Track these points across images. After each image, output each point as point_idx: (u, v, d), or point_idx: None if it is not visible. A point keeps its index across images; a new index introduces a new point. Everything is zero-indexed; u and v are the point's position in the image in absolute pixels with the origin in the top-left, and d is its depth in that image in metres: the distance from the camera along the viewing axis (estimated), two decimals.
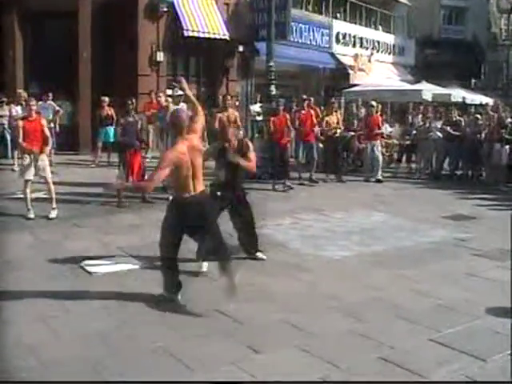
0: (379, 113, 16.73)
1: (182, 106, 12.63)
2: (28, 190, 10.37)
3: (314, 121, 15.50)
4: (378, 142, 16.23)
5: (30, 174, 10.35)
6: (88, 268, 7.52)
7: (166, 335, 5.58)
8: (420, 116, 17.87)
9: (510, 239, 8.61)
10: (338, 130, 15.84)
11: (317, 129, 15.56)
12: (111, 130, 16.85)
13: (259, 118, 19.07)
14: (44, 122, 10.78)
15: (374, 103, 16.61)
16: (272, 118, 14.70)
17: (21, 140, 10.32)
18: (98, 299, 6.49)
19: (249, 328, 5.79)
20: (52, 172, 11.01)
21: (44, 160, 10.53)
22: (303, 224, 10.37)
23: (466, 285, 7.22)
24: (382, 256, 8.50)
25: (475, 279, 7.47)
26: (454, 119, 16.68)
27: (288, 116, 15.08)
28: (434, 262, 8.21)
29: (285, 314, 6.13)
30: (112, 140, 16.83)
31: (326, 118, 15.81)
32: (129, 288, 6.85)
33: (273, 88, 15.96)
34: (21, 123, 10.49)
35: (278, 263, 7.95)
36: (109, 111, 16.96)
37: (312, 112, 15.70)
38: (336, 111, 16.37)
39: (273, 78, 16.16)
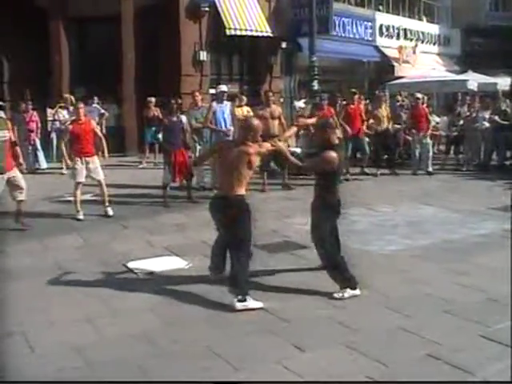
0: (425, 104, 16.45)
1: (227, 104, 12.67)
2: (78, 192, 10.55)
3: (363, 115, 15.37)
4: (427, 133, 15.98)
5: (82, 177, 10.53)
6: (134, 268, 7.59)
7: (211, 335, 5.59)
8: (466, 106, 17.53)
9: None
10: (386, 124, 15.67)
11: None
12: (156, 130, 16.99)
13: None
14: (94, 124, 10.95)
15: (419, 95, 16.40)
16: (316, 113, 14.62)
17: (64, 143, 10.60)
18: (144, 299, 6.55)
19: (294, 326, 5.75)
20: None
21: (95, 162, 10.70)
22: (350, 219, 10.27)
23: None
24: (430, 250, 8.38)
25: None
26: (502, 108, 16.35)
27: (333, 110, 14.97)
28: (483, 255, 8.03)
29: (331, 310, 6.10)
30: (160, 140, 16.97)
31: (375, 112, 15.68)
32: (175, 288, 6.88)
33: (315, 83, 15.89)
34: (70, 127, 10.68)
35: None
36: (155, 112, 17.08)
37: (361, 106, 15.55)
38: (384, 104, 16.21)
39: (315, 73, 16.12)
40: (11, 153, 9.66)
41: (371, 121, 15.70)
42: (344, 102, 17.49)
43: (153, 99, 17.25)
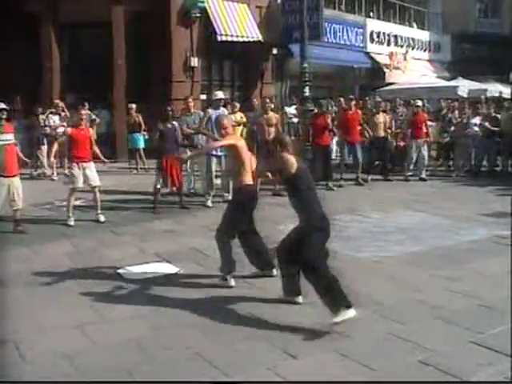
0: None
1: (223, 110, 12.69)
2: (72, 198, 10.53)
3: (360, 121, 15.39)
4: (425, 140, 16.03)
5: (80, 183, 10.52)
6: (124, 274, 7.57)
7: (201, 341, 5.57)
8: (456, 112, 17.56)
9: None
10: (382, 131, 15.73)
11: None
12: (139, 137, 16.98)
13: (295, 120, 19.03)
14: (92, 131, 10.94)
15: (419, 102, 16.45)
16: (313, 120, 14.66)
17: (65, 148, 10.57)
18: (135, 306, 6.53)
19: (285, 332, 5.72)
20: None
21: (92, 168, 10.70)
22: (341, 225, 10.27)
23: (507, 284, 7.04)
24: (421, 256, 8.38)
25: None
26: (493, 115, 16.42)
27: (328, 118, 15.00)
28: (475, 261, 8.06)
29: (322, 317, 6.07)
30: (141, 146, 16.98)
31: (374, 118, 15.72)
32: (166, 294, 6.87)
33: (306, 89, 15.91)
34: (70, 131, 10.66)
35: None
36: (136, 118, 17.07)
37: (359, 112, 15.58)
38: (384, 111, 16.30)
39: (307, 79, 16.12)
40: (16, 158, 9.76)
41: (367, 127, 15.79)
42: (334, 108, 17.63)
43: (133, 105, 17.27)
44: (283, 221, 10.44)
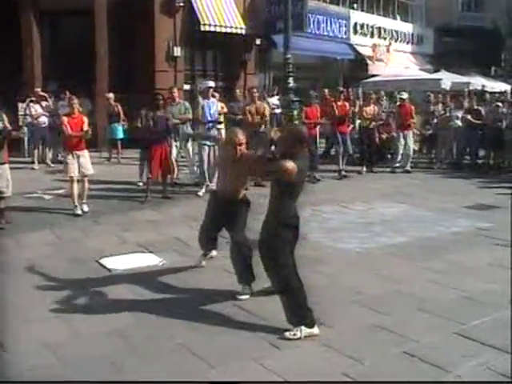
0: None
1: (213, 100, 12.63)
2: (75, 187, 10.40)
3: (349, 113, 15.40)
4: (411, 131, 16.07)
5: (75, 171, 10.40)
6: (107, 265, 7.51)
7: (185, 332, 5.54)
8: (440, 105, 17.62)
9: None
10: (372, 122, 15.75)
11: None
12: (117, 127, 16.77)
13: (278, 111, 18.97)
14: (86, 119, 10.79)
15: (404, 94, 16.47)
16: (304, 109, 14.63)
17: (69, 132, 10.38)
18: (118, 296, 6.48)
19: (270, 323, 5.70)
20: None
21: (86, 157, 10.59)
22: (324, 216, 10.28)
23: (489, 276, 7.09)
24: (404, 248, 8.40)
25: (499, 270, 7.34)
26: (475, 107, 16.49)
27: (319, 109, 14.97)
28: (457, 252, 8.10)
29: None
30: (121, 137, 16.80)
31: (364, 109, 15.73)
32: (148, 285, 6.82)
33: (290, 80, 15.87)
34: (65, 120, 10.52)
35: (298, 256, 7.84)
36: (115, 107, 16.86)
37: (347, 104, 15.59)
38: (374, 103, 16.33)
39: (290, 70, 16.06)
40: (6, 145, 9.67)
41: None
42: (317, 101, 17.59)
43: (111, 95, 17.03)
44: (265, 211, 10.45)
